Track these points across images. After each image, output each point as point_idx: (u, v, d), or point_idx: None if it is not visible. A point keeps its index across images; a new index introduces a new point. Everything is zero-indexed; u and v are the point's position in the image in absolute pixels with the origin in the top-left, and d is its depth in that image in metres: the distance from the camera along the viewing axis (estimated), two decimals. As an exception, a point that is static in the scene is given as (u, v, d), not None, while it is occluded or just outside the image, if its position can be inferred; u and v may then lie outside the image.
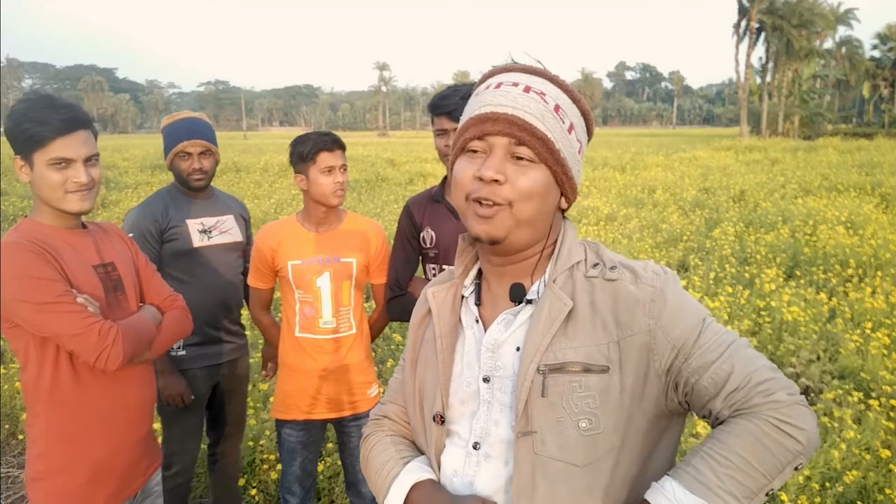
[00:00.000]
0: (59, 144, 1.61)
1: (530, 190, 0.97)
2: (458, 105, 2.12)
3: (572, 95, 1.03)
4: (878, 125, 56.85)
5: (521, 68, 1.04)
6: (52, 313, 1.56)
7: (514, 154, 0.98)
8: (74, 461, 1.68)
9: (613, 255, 1.07)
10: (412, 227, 2.30)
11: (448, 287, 1.14)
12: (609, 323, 0.98)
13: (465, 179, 1.00)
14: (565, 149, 1.00)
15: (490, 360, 1.05)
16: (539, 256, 1.07)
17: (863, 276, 6.53)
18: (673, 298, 0.99)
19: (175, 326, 1.87)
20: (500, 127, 0.97)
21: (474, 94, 1.07)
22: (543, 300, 1.01)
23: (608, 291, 1.00)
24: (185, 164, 2.51)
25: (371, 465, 1.18)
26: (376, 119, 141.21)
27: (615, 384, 0.96)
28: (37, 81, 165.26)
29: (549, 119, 0.98)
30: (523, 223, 0.99)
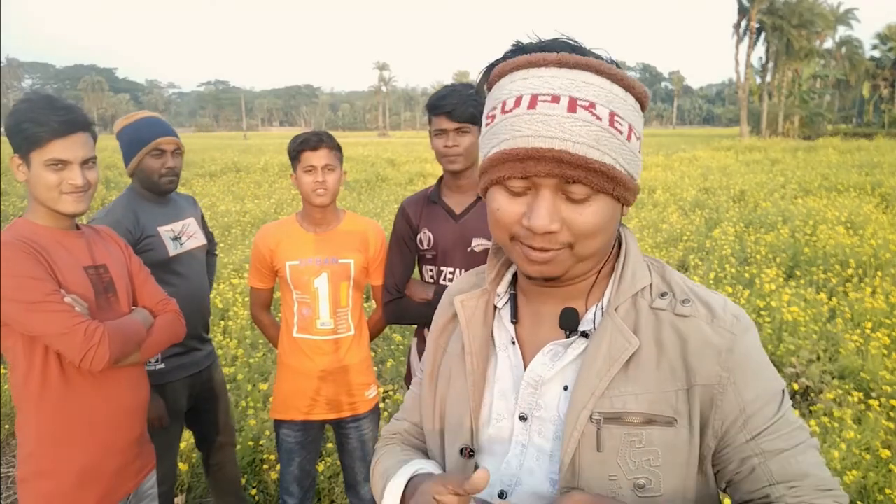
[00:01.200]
0: (57, 146, 1.62)
1: (593, 228, 0.81)
2: (456, 105, 2.10)
3: (624, 84, 0.82)
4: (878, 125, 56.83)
5: (556, 61, 0.80)
6: (39, 312, 1.56)
7: (567, 192, 0.80)
8: (64, 463, 1.68)
9: (682, 281, 0.91)
10: (408, 228, 2.28)
11: (479, 295, 0.98)
12: (678, 367, 0.84)
13: (509, 220, 0.82)
14: (626, 162, 0.82)
15: (530, 397, 0.89)
16: (596, 276, 0.91)
17: (863, 276, 6.53)
18: (753, 353, 0.85)
19: (167, 330, 1.87)
20: (546, 167, 0.77)
21: (499, 104, 0.83)
22: (601, 333, 0.86)
23: (678, 330, 0.85)
24: (157, 164, 2.35)
25: (374, 474, 1.05)
26: (376, 119, 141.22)
27: (682, 440, 0.83)
28: (37, 81, 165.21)
29: (605, 141, 0.78)
30: (587, 259, 0.85)
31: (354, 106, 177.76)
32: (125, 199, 2.39)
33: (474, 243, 2.18)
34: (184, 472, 3.25)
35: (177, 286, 2.35)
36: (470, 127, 2.13)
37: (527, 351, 0.93)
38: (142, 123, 2.41)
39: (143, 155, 2.36)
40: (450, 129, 2.12)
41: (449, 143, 2.13)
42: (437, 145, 2.18)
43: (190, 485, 3.28)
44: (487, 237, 2.18)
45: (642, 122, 0.87)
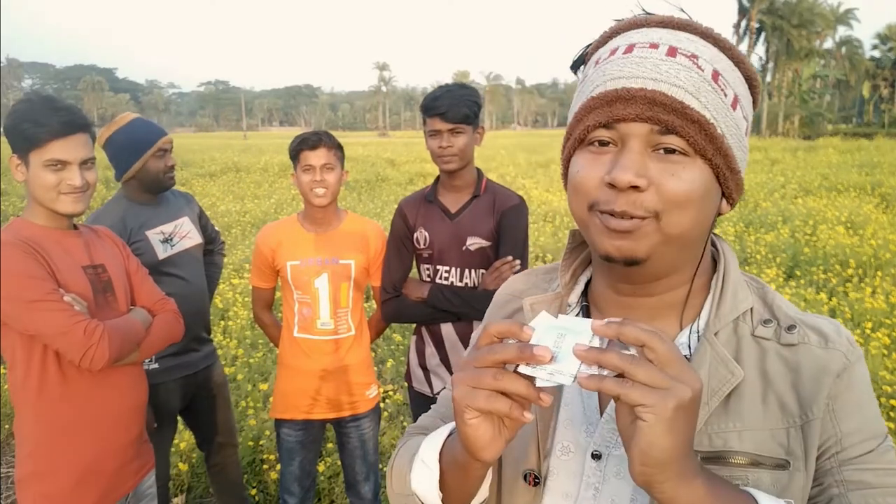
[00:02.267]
0: (56, 146, 1.63)
1: (685, 195, 0.68)
2: (450, 106, 2.12)
3: (733, 55, 0.72)
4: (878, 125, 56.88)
5: (659, 20, 0.73)
6: (38, 311, 1.56)
7: (659, 145, 0.69)
8: (62, 463, 1.68)
9: (786, 306, 0.79)
10: (405, 228, 2.31)
11: (551, 300, 0.85)
12: (789, 401, 0.72)
13: (589, 184, 0.71)
14: (729, 132, 0.70)
15: (610, 433, 0.76)
16: (689, 289, 0.78)
17: (863, 276, 6.53)
18: (863, 384, 0.75)
19: (165, 329, 1.87)
20: (637, 109, 0.67)
21: (593, 62, 0.75)
22: (699, 362, 0.73)
23: (786, 360, 0.74)
24: (161, 164, 2.38)
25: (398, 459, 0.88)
26: (376, 119, 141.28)
27: (797, 484, 0.71)
28: (37, 81, 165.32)
29: (706, 92, 0.68)
30: (674, 239, 0.70)
31: (354, 106, 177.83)
32: (113, 205, 2.40)
33: (469, 242, 2.21)
34: (184, 473, 3.26)
35: (171, 287, 2.34)
36: (464, 127, 2.15)
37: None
38: (135, 127, 2.39)
39: (148, 157, 2.36)
40: (444, 131, 2.15)
41: (443, 144, 2.16)
42: (431, 146, 2.21)
43: (190, 485, 3.28)
44: (482, 236, 2.21)
45: (751, 110, 0.76)
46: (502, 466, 0.84)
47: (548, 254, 8.18)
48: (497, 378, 0.62)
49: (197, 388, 2.56)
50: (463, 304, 2.18)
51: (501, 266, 2.14)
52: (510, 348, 0.62)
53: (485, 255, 2.21)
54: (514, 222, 2.20)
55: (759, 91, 0.76)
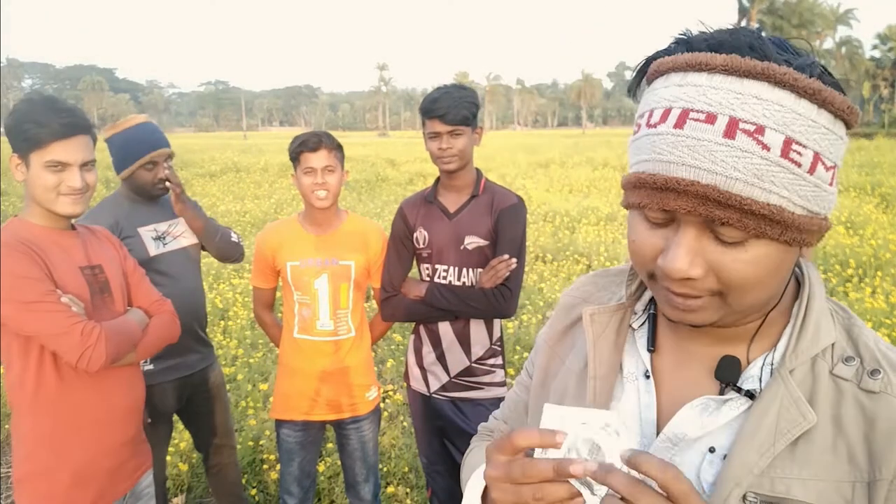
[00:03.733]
0: (57, 148, 1.63)
1: (751, 279, 0.65)
2: (449, 108, 2.14)
3: (818, 98, 0.61)
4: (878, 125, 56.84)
5: (724, 65, 0.62)
6: (35, 312, 1.56)
7: (717, 232, 0.64)
8: (59, 463, 1.68)
9: (874, 343, 0.73)
10: (405, 228, 2.33)
11: (613, 310, 0.83)
12: (859, 455, 0.67)
13: (646, 256, 0.68)
14: (805, 200, 0.64)
15: (665, 452, 0.74)
16: (762, 322, 0.74)
17: (863, 276, 6.53)
18: None
19: (162, 330, 1.87)
20: (689, 203, 0.62)
21: (647, 114, 0.67)
22: (770, 399, 0.69)
23: (864, 408, 0.68)
24: (150, 176, 2.38)
25: (464, 466, 0.95)
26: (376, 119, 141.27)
27: None
28: (37, 81, 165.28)
29: (772, 176, 0.61)
30: (745, 310, 0.69)
31: (354, 106, 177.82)
32: (108, 202, 2.43)
33: (467, 241, 2.22)
34: (184, 473, 3.26)
35: (162, 286, 2.33)
36: (463, 129, 2.17)
37: (662, 390, 0.78)
38: (134, 133, 2.40)
39: (136, 167, 2.37)
40: (443, 132, 2.17)
41: (443, 146, 2.18)
42: (431, 148, 2.23)
43: (190, 485, 3.28)
44: (479, 235, 2.22)
45: (843, 145, 0.67)
46: None
47: (548, 254, 8.18)
48: (537, 497, 0.62)
49: (193, 390, 2.55)
50: (459, 302, 2.19)
51: (497, 265, 2.15)
52: (547, 470, 0.61)
53: (482, 255, 2.22)
54: (512, 221, 2.21)
55: (857, 120, 0.66)
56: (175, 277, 2.42)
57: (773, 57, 0.63)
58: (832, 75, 0.66)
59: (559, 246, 8.47)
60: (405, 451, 3.58)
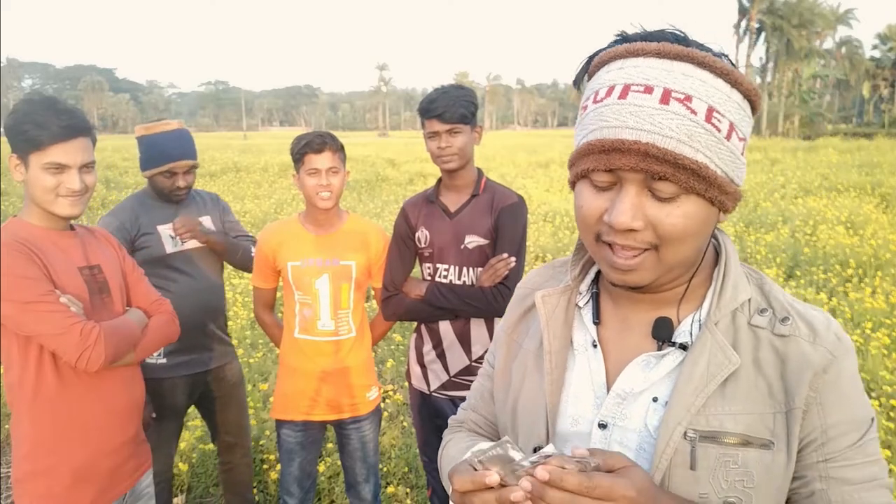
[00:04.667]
0: (57, 150, 1.62)
1: (682, 232, 0.76)
2: (447, 107, 2.16)
3: (731, 78, 0.76)
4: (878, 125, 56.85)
5: (656, 50, 0.76)
6: (34, 312, 1.56)
7: (653, 189, 0.75)
8: (58, 463, 1.68)
9: (782, 296, 0.86)
10: (407, 227, 2.34)
11: (561, 292, 0.94)
12: (776, 388, 0.80)
13: (592, 219, 0.80)
14: (724, 164, 0.76)
15: (615, 407, 0.86)
16: (687, 284, 0.87)
17: (863, 276, 6.53)
18: (847, 376, 0.81)
19: (161, 330, 1.87)
20: (631, 160, 0.74)
21: (592, 94, 0.80)
22: (700, 348, 0.82)
23: (777, 350, 0.82)
24: (168, 183, 2.44)
25: (442, 459, 1.04)
26: (376, 119, 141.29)
27: (779, 463, 0.79)
28: (37, 81, 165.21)
29: (699, 137, 0.74)
30: (675, 266, 0.81)
31: (354, 106, 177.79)
32: (133, 198, 2.52)
33: (467, 240, 2.23)
34: (184, 472, 3.25)
35: (178, 283, 2.42)
36: (461, 127, 2.19)
37: (609, 355, 0.89)
38: (161, 140, 2.44)
39: (155, 172, 2.44)
40: (442, 131, 2.18)
41: (442, 145, 2.19)
42: (430, 147, 2.24)
43: (190, 485, 3.28)
44: (480, 234, 2.23)
45: (750, 123, 0.81)
46: (516, 436, 0.94)
47: (548, 254, 8.18)
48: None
49: (206, 387, 2.58)
50: (459, 301, 2.19)
51: (497, 263, 2.16)
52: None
53: (483, 254, 2.23)
54: (512, 220, 2.22)
55: (760, 102, 0.81)
56: (192, 275, 2.47)
57: (694, 45, 0.77)
58: (736, 67, 0.79)
59: (559, 246, 8.46)
60: (405, 451, 3.58)
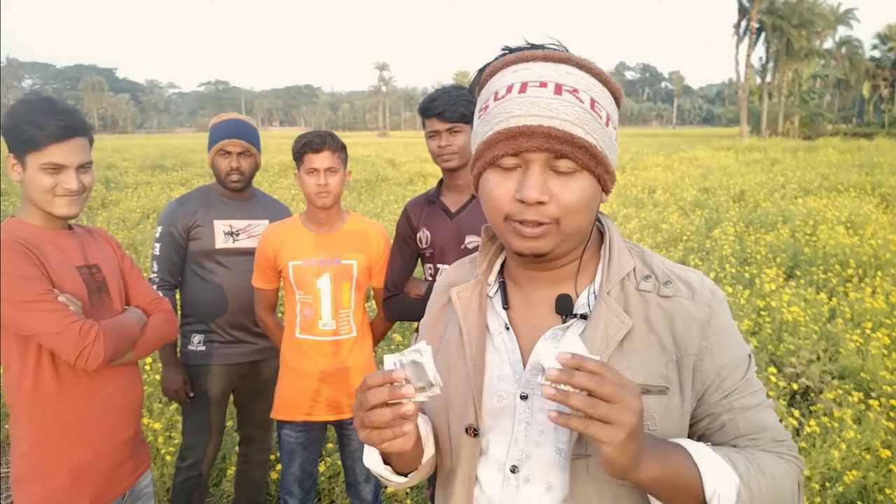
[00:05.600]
0: (54, 150, 1.63)
1: (578, 203, 0.89)
2: (446, 106, 2.17)
3: (602, 78, 0.92)
4: (878, 125, 56.85)
5: (542, 56, 0.91)
6: (33, 311, 1.56)
7: (554, 167, 0.88)
8: (57, 463, 1.68)
9: (661, 263, 1.00)
10: (409, 228, 2.35)
11: (473, 286, 1.05)
12: (666, 341, 0.94)
13: (503, 200, 0.90)
14: (606, 147, 0.91)
15: (533, 379, 0.96)
16: (580, 260, 0.99)
17: (863, 276, 6.53)
18: (726, 323, 0.96)
19: (160, 329, 1.87)
20: (537, 142, 0.86)
21: (492, 94, 0.93)
22: (597, 316, 0.94)
23: (664, 308, 0.95)
24: (224, 163, 2.55)
25: None
26: (376, 119, 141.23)
27: (675, 405, 0.93)
28: (37, 81, 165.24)
29: (587, 121, 0.88)
30: (571, 236, 0.92)
31: (354, 106, 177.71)
32: (200, 189, 2.68)
33: (467, 240, 2.25)
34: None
35: (219, 276, 2.55)
36: (462, 126, 2.20)
37: (521, 334, 1.00)
38: (223, 124, 2.59)
39: (213, 154, 2.58)
40: (442, 130, 2.20)
41: (442, 144, 2.21)
42: (431, 146, 2.26)
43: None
44: (480, 235, 2.21)
45: (617, 115, 0.97)
46: (449, 424, 1.04)
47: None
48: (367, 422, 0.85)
49: (241, 381, 2.69)
50: None
51: None
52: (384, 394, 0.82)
53: None
54: None
55: (622, 100, 0.97)
56: (234, 271, 2.57)
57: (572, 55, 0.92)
58: None
59: (559, 246, 8.45)
60: (405, 451, 3.57)
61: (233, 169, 2.54)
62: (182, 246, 2.55)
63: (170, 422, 3.76)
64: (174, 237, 2.54)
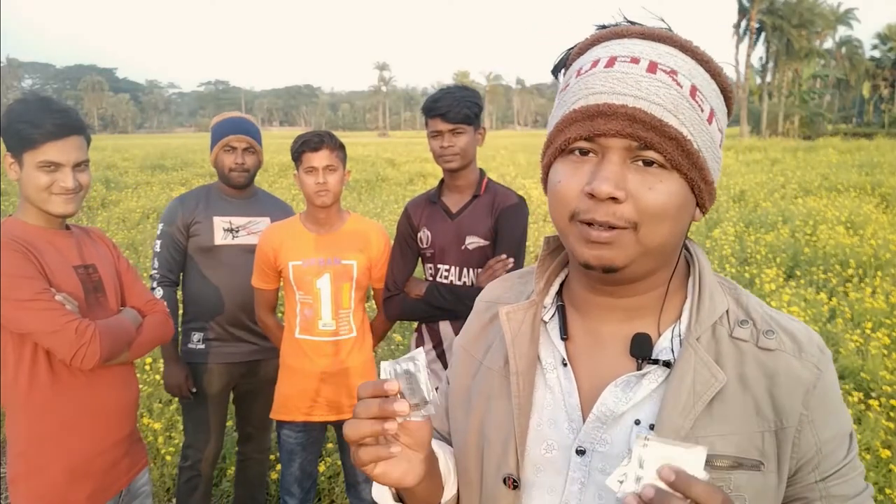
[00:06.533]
0: (50, 148, 1.64)
1: (662, 208, 0.71)
2: (450, 106, 2.17)
3: (710, 67, 0.75)
4: (878, 125, 56.87)
5: (639, 31, 0.75)
6: (29, 310, 1.57)
7: (637, 158, 0.71)
8: (52, 461, 1.68)
9: (759, 306, 0.83)
10: (410, 228, 2.35)
11: (526, 307, 0.87)
12: (764, 406, 0.76)
13: (569, 194, 0.73)
14: (704, 146, 0.73)
15: (595, 431, 0.79)
16: (665, 292, 0.81)
17: (863, 276, 6.53)
18: (833, 390, 0.79)
19: (155, 330, 1.88)
20: (617, 125, 0.70)
21: (574, 71, 0.77)
22: (684, 366, 0.76)
23: (763, 364, 0.77)
24: (228, 159, 2.55)
25: None
26: (376, 119, 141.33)
27: (770, 484, 0.75)
28: (37, 81, 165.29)
29: (684, 109, 0.71)
30: (651, 249, 0.74)
31: (354, 106, 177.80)
32: (200, 188, 2.70)
33: (468, 241, 2.25)
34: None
35: (218, 274, 2.55)
36: (464, 127, 2.20)
37: (581, 374, 0.83)
38: (226, 122, 2.63)
39: (217, 150, 2.58)
40: (445, 131, 2.20)
41: (445, 144, 2.21)
42: (433, 146, 2.26)
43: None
44: (480, 235, 2.25)
45: (725, 120, 0.78)
46: (483, 469, 0.87)
47: (548, 254, 8.16)
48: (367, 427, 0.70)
49: (240, 379, 2.69)
50: (457, 301, 2.21)
51: (495, 264, 2.16)
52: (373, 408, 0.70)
53: (483, 255, 2.24)
54: (511, 221, 2.23)
55: (734, 101, 0.79)
56: (233, 268, 2.57)
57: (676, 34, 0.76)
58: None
59: (559, 246, 8.45)
60: (405, 451, 3.57)
61: (237, 164, 2.55)
62: (182, 242, 2.56)
63: (170, 422, 3.77)
64: (174, 234, 2.55)
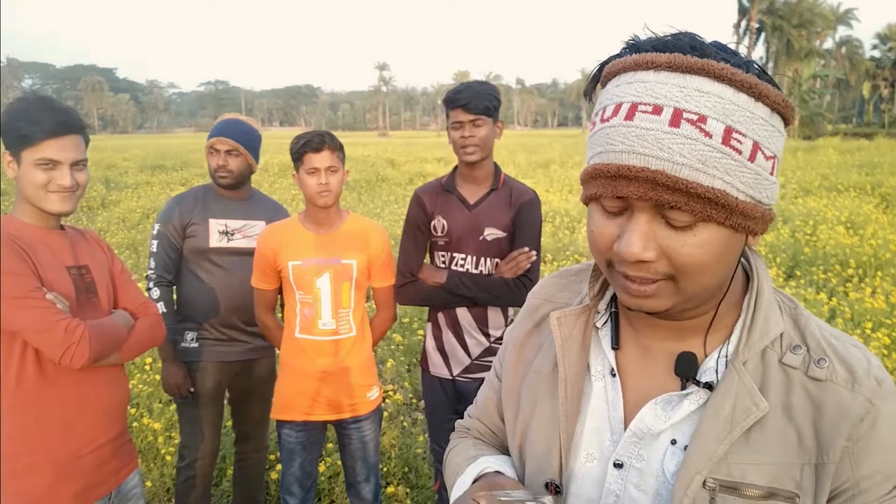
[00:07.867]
0: (49, 146, 1.65)
1: (698, 263, 0.68)
2: (471, 98, 2.25)
3: (755, 92, 0.66)
4: (878, 125, 56.87)
5: (668, 63, 0.67)
6: (20, 308, 1.57)
7: (667, 218, 0.68)
8: (39, 461, 1.68)
9: (818, 329, 0.78)
10: (423, 214, 2.39)
11: (578, 314, 0.86)
12: (807, 438, 0.72)
13: (603, 245, 0.73)
14: (747, 186, 0.68)
15: (632, 446, 0.79)
16: (714, 313, 0.78)
17: (863, 276, 6.53)
18: (886, 425, 0.73)
19: (147, 332, 1.88)
20: (640, 189, 0.66)
21: (598, 113, 0.73)
22: (726, 390, 0.74)
23: (811, 395, 0.73)
24: (213, 161, 2.59)
25: (448, 468, 1.01)
26: (376, 119, 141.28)
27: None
28: (37, 81, 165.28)
29: (715, 162, 0.65)
30: (696, 296, 0.72)
31: (354, 106, 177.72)
32: (196, 189, 2.71)
33: (486, 232, 2.32)
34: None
35: (213, 275, 2.58)
36: (484, 119, 2.27)
37: (627, 386, 0.82)
38: (219, 123, 2.65)
39: (205, 152, 2.65)
40: (465, 121, 2.26)
41: (465, 135, 2.27)
42: (454, 137, 2.32)
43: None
44: (498, 227, 2.33)
45: (781, 138, 0.72)
46: (525, 476, 0.87)
47: (547, 254, 8.18)
48: None
49: (234, 379, 2.70)
50: (480, 289, 2.29)
51: (518, 256, 2.26)
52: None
53: (500, 245, 2.32)
54: (530, 215, 2.34)
55: (792, 113, 0.72)
56: (228, 270, 2.60)
57: (713, 55, 0.67)
58: (769, 74, 0.70)
59: (559, 246, 8.47)
60: (405, 451, 3.58)
61: (219, 166, 2.57)
62: (177, 243, 2.58)
63: (170, 422, 3.77)
64: (170, 234, 2.57)
